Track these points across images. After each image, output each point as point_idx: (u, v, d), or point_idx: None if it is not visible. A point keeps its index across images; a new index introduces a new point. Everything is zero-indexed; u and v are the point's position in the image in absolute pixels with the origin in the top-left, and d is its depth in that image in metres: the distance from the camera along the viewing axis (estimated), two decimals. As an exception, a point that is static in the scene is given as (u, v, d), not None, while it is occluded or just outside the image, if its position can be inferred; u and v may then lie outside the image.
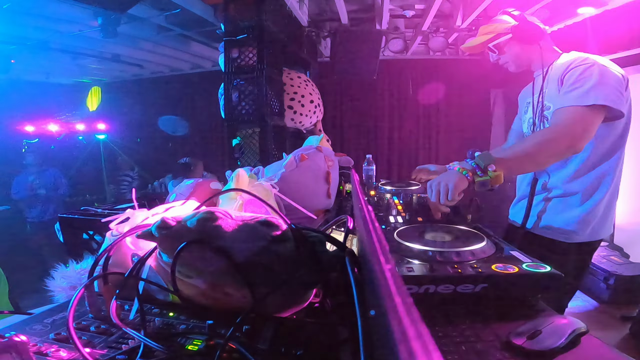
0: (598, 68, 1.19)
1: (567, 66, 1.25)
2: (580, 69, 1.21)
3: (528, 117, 1.47)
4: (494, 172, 1.09)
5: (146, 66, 4.62)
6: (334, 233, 1.04)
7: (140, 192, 4.00)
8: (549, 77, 1.34)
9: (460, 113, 4.43)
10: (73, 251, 1.26)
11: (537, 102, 1.39)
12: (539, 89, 1.38)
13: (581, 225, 1.29)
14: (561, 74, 1.26)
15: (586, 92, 1.16)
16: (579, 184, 1.29)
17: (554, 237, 1.31)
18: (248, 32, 2.06)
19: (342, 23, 3.16)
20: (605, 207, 1.31)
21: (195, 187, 1.16)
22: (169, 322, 0.58)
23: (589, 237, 1.31)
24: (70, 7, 2.59)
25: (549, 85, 1.34)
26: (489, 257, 0.74)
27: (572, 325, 0.55)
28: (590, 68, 1.20)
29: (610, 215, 1.35)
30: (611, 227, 1.37)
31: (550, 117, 1.31)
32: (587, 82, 1.18)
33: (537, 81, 1.43)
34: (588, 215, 1.29)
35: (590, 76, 1.18)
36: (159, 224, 0.58)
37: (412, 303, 0.25)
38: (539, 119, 1.37)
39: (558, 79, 1.27)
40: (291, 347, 0.50)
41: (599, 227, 1.31)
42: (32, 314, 0.61)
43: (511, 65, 1.44)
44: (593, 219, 1.29)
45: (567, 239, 1.30)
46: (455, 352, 0.52)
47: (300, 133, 2.74)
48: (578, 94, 1.18)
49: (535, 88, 1.44)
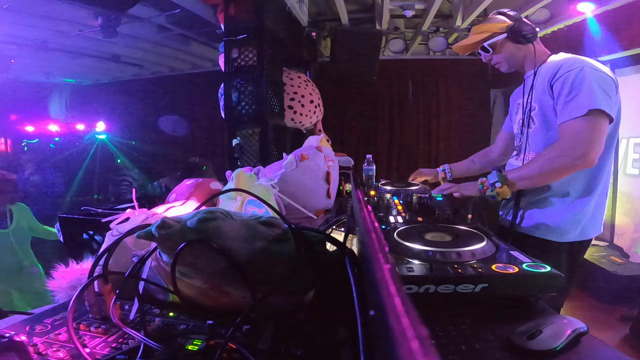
0: (587, 72, 1.20)
1: (556, 70, 1.26)
2: (571, 76, 1.21)
3: (518, 117, 1.48)
4: (499, 188, 1.29)
5: (146, 66, 4.62)
6: (334, 233, 1.04)
7: (140, 192, 4.01)
8: (538, 79, 1.36)
9: (460, 113, 4.43)
10: (73, 251, 1.26)
11: (526, 102, 1.40)
12: (529, 90, 1.40)
13: (572, 224, 1.31)
14: (550, 78, 1.27)
15: (581, 101, 1.17)
16: (569, 184, 1.30)
17: (545, 236, 1.33)
18: (248, 32, 2.06)
19: (342, 23, 3.16)
20: (595, 207, 1.33)
21: (195, 187, 1.16)
22: (169, 322, 0.58)
23: (580, 237, 1.33)
24: (70, 7, 2.59)
25: (537, 86, 1.35)
26: (489, 257, 0.74)
27: (572, 325, 0.55)
28: (580, 73, 1.20)
29: (600, 215, 1.37)
30: (601, 226, 1.39)
31: (535, 119, 1.36)
32: (580, 89, 1.18)
33: (527, 82, 1.44)
34: (578, 214, 1.31)
35: (582, 82, 1.19)
36: (159, 224, 0.58)
37: (411, 303, 0.25)
38: (527, 120, 1.40)
39: (547, 81, 1.28)
40: (291, 347, 0.50)
41: (590, 227, 1.34)
42: (32, 314, 0.61)
43: (504, 65, 1.45)
44: (583, 218, 1.32)
45: (558, 238, 1.32)
46: (455, 352, 0.52)
47: (300, 133, 2.74)
48: (574, 105, 1.19)
49: (525, 89, 1.44)
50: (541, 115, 1.34)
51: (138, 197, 0.86)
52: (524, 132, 1.41)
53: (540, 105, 1.34)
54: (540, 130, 1.36)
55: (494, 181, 1.29)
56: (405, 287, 0.65)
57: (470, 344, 0.54)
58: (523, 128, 1.42)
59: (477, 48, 1.45)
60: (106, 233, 0.78)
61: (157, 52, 4.01)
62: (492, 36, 1.40)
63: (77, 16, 2.77)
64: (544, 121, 1.33)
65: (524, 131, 1.41)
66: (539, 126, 1.36)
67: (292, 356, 0.49)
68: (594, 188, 1.31)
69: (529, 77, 1.42)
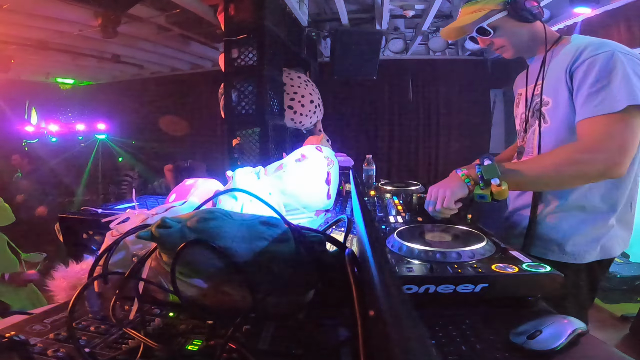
0: (620, 57, 0.94)
1: (577, 53, 1.00)
2: (599, 61, 0.95)
3: (519, 111, 1.24)
4: (497, 186, 0.96)
5: (146, 66, 4.63)
6: (334, 233, 1.04)
7: (140, 192, 4.01)
8: (550, 66, 1.10)
9: (460, 113, 4.43)
10: (73, 251, 1.26)
11: (531, 94, 1.16)
12: (534, 78, 1.15)
13: (589, 243, 1.08)
14: (569, 64, 1.01)
15: (614, 94, 0.92)
16: (585, 196, 1.07)
17: (560, 259, 1.09)
18: (248, 32, 2.06)
19: (342, 23, 3.16)
20: (617, 221, 1.09)
21: (194, 186, 1.16)
22: (169, 322, 0.58)
23: (600, 256, 1.09)
24: (70, 7, 2.59)
25: (549, 74, 1.09)
26: (489, 257, 0.74)
27: (572, 325, 0.55)
28: (612, 59, 0.94)
29: (625, 230, 1.12)
30: (628, 241, 1.13)
31: (546, 115, 1.09)
32: (611, 79, 0.93)
33: (532, 69, 1.20)
34: (596, 232, 1.08)
35: (613, 70, 0.93)
36: (159, 224, 0.58)
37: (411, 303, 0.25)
38: (533, 116, 1.15)
39: (565, 68, 1.02)
40: (291, 347, 0.50)
41: (612, 244, 1.10)
42: (32, 314, 0.61)
43: (508, 50, 1.16)
44: (603, 235, 1.08)
45: (575, 259, 1.08)
46: (455, 352, 0.52)
47: (300, 133, 2.74)
48: (604, 97, 0.93)
49: (529, 77, 1.19)
50: (556, 112, 1.07)
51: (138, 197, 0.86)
52: (529, 130, 1.16)
53: (555, 99, 1.07)
54: (554, 131, 1.08)
55: (488, 176, 0.97)
56: (405, 287, 0.65)
57: (470, 344, 0.54)
58: (528, 126, 1.17)
59: (471, 31, 1.16)
60: (106, 233, 0.78)
61: (157, 52, 4.01)
62: (488, 15, 1.11)
63: (77, 16, 2.78)
64: (559, 119, 1.06)
65: (529, 129, 1.16)
66: (553, 125, 1.08)
67: (292, 356, 0.49)
68: (617, 200, 1.07)
69: (536, 63, 1.16)
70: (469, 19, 1.14)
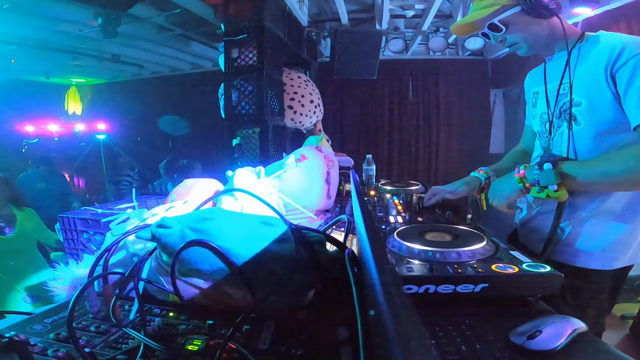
0: None
1: (616, 53, 0.94)
2: None
3: (539, 111, 1.17)
4: (555, 192, 0.94)
5: (146, 66, 4.62)
6: (334, 233, 1.04)
7: (141, 192, 4.01)
8: (579, 64, 1.03)
9: (460, 113, 4.43)
10: (73, 251, 1.26)
11: (556, 93, 1.09)
12: (557, 76, 1.08)
13: (621, 249, 1.05)
14: (609, 64, 0.95)
15: None
16: (617, 200, 1.04)
17: (588, 265, 1.06)
18: (248, 32, 2.06)
19: (342, 23, 3.16)
20: None
21: (195, 186, 1.16)
22: (169, 322, 0.58)
23: (628, 262, 1.07)
24: (70, 7, 2.59)
25: (579, 74, 1.03)
26: (489, 257, 0.74)
27: (572, 325, 0.55)
28: None
29: None
30: None
31: (579, 117, 1.03)
32: None
33: (551, 66, 1.14)
34: (629, 236, 1.05)
35: None
36: (159, 224, 0.58)
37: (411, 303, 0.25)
38: (560, 117, 1.08)
39: (604, 69, 0.96)
40: (291, 347, 0.50)
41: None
42: (32, 314, 0.61)
43: (522, 47, 1.10)
44: (634, 240, 1.06)
45: (603, 266, 1.05)
46: (455, 352, 0.52)
47: (300, 133, 2.74)
48: None
49: (548, 75, 1.13)
50: (591, 113, 1.01)
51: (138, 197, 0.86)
52: (555, 131, 1.10)
53: (590, 100, 1.00)
54: (587, 133, 1.02)
55: (546, 183, 0.94)
56: (405, 287, 0.65)
57: (470, 344, 0.54)
58: (551, 127, 1.10)
59: (482, 27, 1.11)
60: (106, 233, 0.78)
61: (157, 52, 4.01)
62: (501, 10, 1.05)
63: (77, 16, 2.78)
64: (596, 121, 1.00)
65: (553, 131, 1.10)
66: (586, 127, 1.02)
67: (292, 356, 0.49)
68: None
69: (557, 60, 1.11)
70: (480, 15, 1.08)
